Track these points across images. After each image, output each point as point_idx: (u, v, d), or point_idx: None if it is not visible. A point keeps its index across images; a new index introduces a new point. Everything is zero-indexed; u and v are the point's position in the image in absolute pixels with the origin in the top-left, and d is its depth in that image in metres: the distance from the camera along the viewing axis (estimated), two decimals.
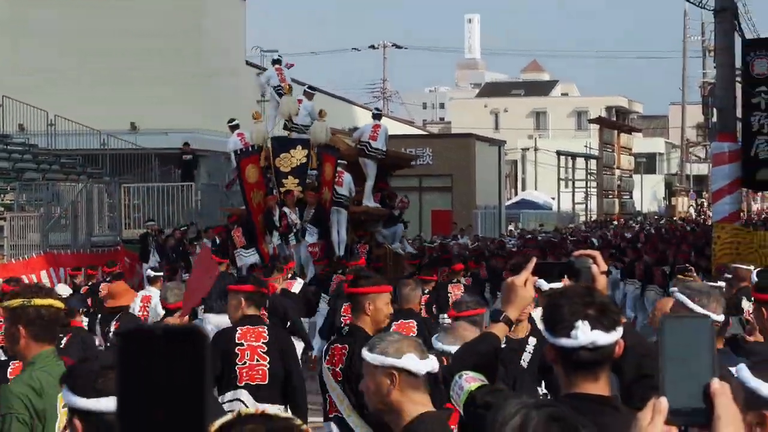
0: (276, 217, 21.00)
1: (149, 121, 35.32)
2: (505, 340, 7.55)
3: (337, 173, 21.39)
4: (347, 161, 22.10)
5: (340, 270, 17.20)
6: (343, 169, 21.61)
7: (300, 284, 16.96)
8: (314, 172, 21.66)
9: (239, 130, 22.08)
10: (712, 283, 11.08)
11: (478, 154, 48.36)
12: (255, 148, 21.51)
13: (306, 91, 23.23)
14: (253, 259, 20.44)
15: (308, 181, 21.68)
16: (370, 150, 22.78)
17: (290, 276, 16.73)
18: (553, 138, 78.58)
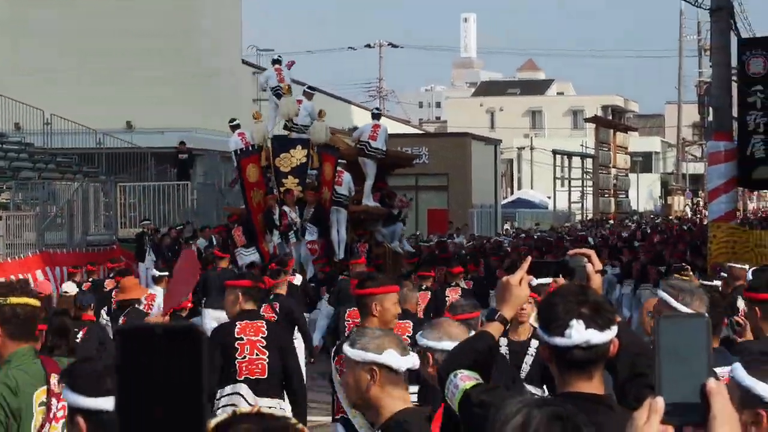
0: (276, 216, 21.07)
1: (145, 120, 35.32)
2: (507, 342, 7.63)
3: (336, 173, 21.47)
4: (347, 161, 22.18)
5: (345, 272, 17.16)
6: (342, 169, 21.70)
7: (299, 279, 17.11)
8: (314, 172, 21.72)
9: (240, 130, 22.16)
10: (707, 282, 11.11)
11: (474, 153, 48.38)
12: (255, 147, 21.61)
13: (306, 91, 23.30)
14: (254, 258, 20.49)
15: (308, 181, 21.75)
16: (370, 150, 22.83)
17: (290, 272, 16.84)
18: (549, 137, 78.55)
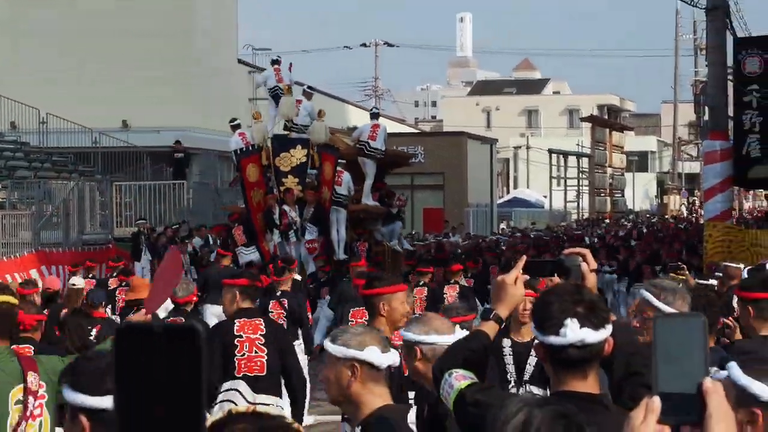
0: (276, 215, 21.13)
1: (141, 119, 35.31)
2: (511, 343, 7.60)
3: (336, 172, 21.52)
4: (346, 160, 22.24)
5: (346, 277, 17.10)
6: (342, 169, 21.76)
7: (299, 278, 17.16)
8: (314, 172, 21.77)
9: (240, 130, 22.20)
10: (703, 281, 11.12)
11: (470, 153, 48.38)
12: (255, 147, 21.64)
13: (305, 91, 23.36)
14: (254, 257, 20.54)
15: (308, 180, 21.80)
16: (370, 149, 22.89)
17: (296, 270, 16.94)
18: (545, 136, 78.57)
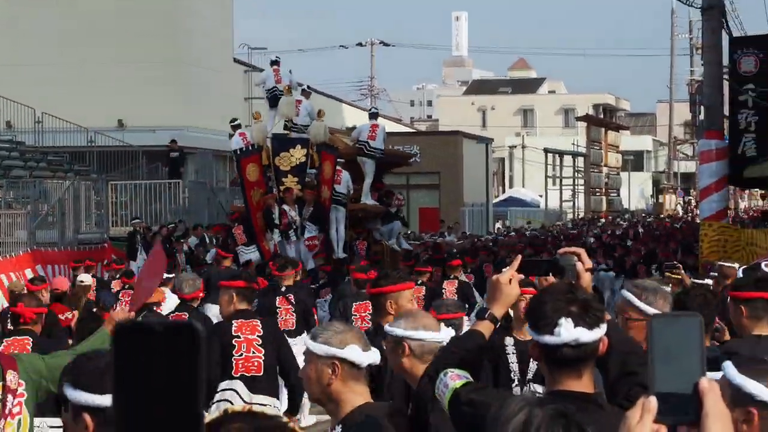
0: (275, 214, 21.16)
1: (136, 119, 35.29)
2: (514, 342, 7.61)
3: (335, 172, 21.57)
4: (345, 160, 22.29)
5: (347, 279, 17.09)
6: (341, 168, 21.80)
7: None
8: (314, 171, 21.82)
9: (241, 130, 22.25)
10: (699, 281, 11.13)
11: (466, 152, 48.41)
12: (255, 147, 21.69)
13: (304, 91, 23.37)
14: (254, 256, 20.58)
15: (307, 180, 21.83)
16: (369, 149, 22.93)
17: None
18: (541, 135, 78.59)
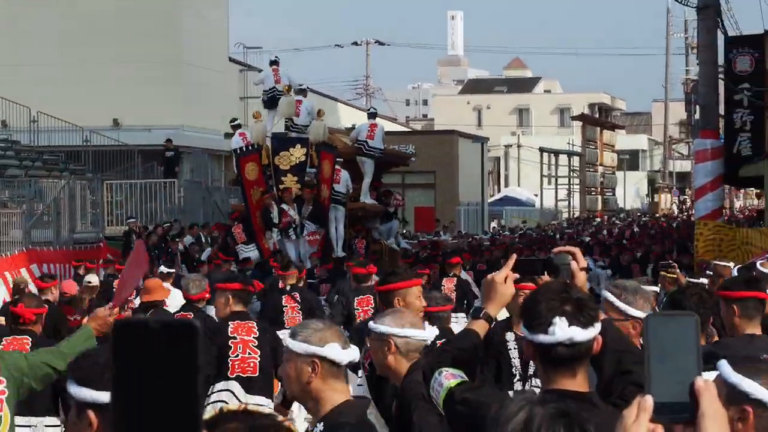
0: (274, 213, 21.20)
1: (132, 118, 35.26)
2: (515, 338, 7.62)
3: (335, 171, 21.62)
4: (344, 159, 22.33)
5: (347, 276, 17.12)
6: (340, 167, 21.84)
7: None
8: (313, 170, 21.86)
9: (241, 130, 22.31)
10: (694, 280, 11.13)
11: (461, 151, 48.43)
12: (255, 146, 21.72)
13: (301, 90, 23.37)
14: (253, 255, 20.61)
15: (307, 179, 21.88)
16: (368, 149, 22.97)
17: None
18: (536, 135, 78.60)
